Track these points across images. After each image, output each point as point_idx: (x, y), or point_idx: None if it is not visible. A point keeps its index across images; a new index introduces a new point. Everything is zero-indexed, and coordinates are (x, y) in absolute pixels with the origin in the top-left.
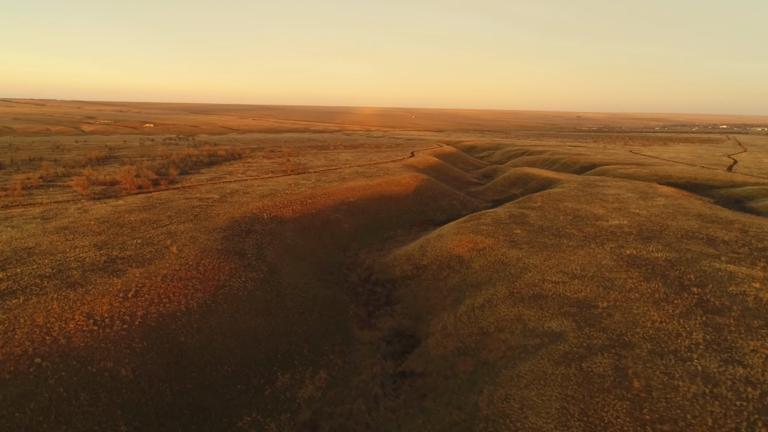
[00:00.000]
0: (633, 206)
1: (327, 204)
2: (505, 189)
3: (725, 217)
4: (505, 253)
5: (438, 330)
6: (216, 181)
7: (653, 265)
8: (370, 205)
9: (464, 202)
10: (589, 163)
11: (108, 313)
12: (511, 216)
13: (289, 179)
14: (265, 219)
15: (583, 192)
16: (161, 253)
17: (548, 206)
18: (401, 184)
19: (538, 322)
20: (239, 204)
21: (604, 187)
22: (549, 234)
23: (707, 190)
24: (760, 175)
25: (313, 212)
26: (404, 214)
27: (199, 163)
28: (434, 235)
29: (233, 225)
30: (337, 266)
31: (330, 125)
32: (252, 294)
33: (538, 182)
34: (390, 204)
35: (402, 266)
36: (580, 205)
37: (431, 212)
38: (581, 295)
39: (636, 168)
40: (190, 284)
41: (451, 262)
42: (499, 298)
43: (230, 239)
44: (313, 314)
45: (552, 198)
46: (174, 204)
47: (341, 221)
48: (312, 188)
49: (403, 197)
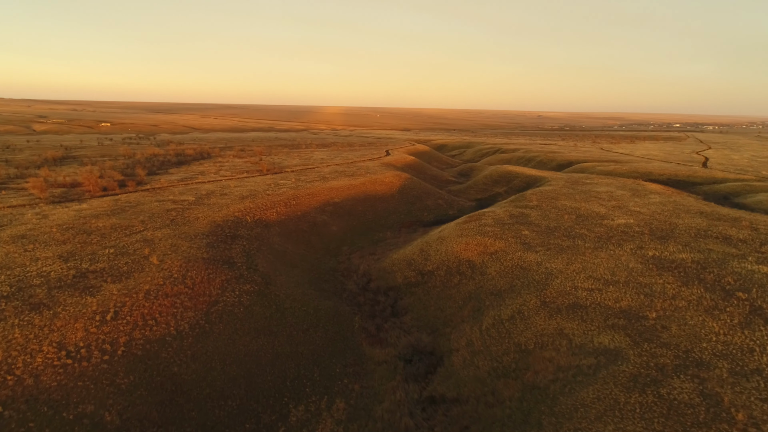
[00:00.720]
0: (631, 204)
1: (312, 205)
2: (487, 187)
3: (727, 215)
4: (522, 257)
5: (462, 346)
6: (188, 181)
7: (683, 268)
8: (357, 205)
9: (449, 202)
10: (565, 161)
11: (83, 341)
12: (512, 216)
13: (267, 179)
14: (250, 223)
15: (574, 190)
16: (140, 264)
17: (546, 205)
18: (385, 183)
19: (585, 337)
20: (219, 206)
21: (593, 185)
22: (560, 235)
23: (691, 187)
24: (736, 171)
25: (298, 214)
26: (391, 215)
27: (166, 162)
28: (434, 238)
29: (216, 230)
30: (331, 273)
31: (295, 124)
32: (249, 310)
33: (522, 180)
34: (376, 204)
35: (403, 272)
36: (579, 204)
37: (418, 212)
38: (623, 304)
39: (615, 165)
40: (179, 301)
41: (461, 268)
42: (530, 309)
43: (215, 246)
44: (317, 331)
45: (546, 197)
46: (146, 207)
47: (329, 223)
48: (294, 188)
49: (389, 197)
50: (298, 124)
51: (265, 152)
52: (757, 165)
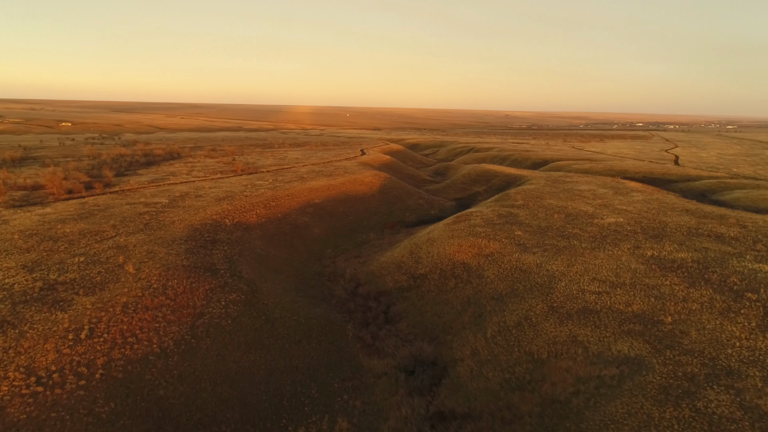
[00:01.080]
0: (616, 202)
1: (292, 206)
2: (466, 186)
3: (712, 212)
4: (520, 259)
5: (467, 355)
6: (159, 182)
7: (685, 268)
8: (338, 206)
9: (430, 202)
10: (540, 159)
11: (56, 364)
12: (501, 216)
13: (243, 180)
14: (229, 226)
15: (557, 188)
16: (114, 273)
17: (533, 204)
18: (365, 183)
19: (602, 345)
20: (194, 209)
21: (574, 183)
22: (554, 235)
23: (667, 184)
24: (707, 168)
25: (279, 216)
26: (373, 216)
27: (135, 163)
28: (423, 239)
29: (194, 234)
30: (317, 278)
31: (264, 124)
32: (237, 322)
33: (502, 179)
34: (357, 205)
35: (394, 276)
36: (565, 203)
37: (400, 213)
38: (635, 307)
39: (590, 164)
40: (161, 315)
41: (456, 271)
42: (538, 315)
43: (195, 252)
44: (311, 342)
45: (531, 195)
46: (116, 211)
47: (310, 226)
48: (272, 189)
49: (369, 197)
50: (267, 123)
51: (238, 152)
52: (726, 162)
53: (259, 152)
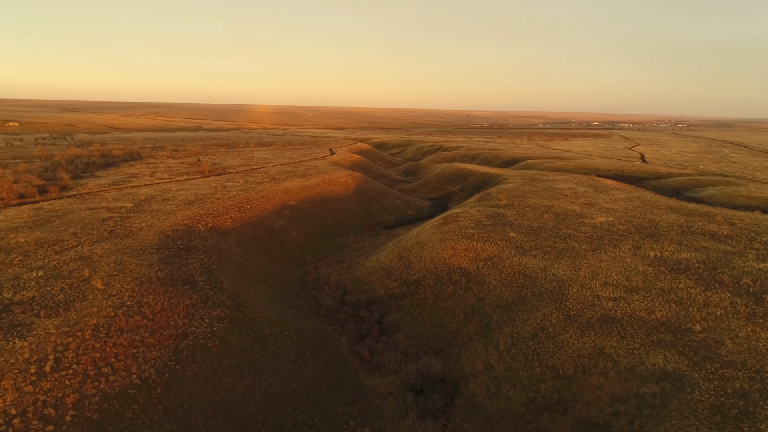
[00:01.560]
0: (599, 201)
1: (267, 209)
2: (441, 186)
3: (696, 210)
4: (521, 263)
5: (480, 370)
6: (121, 185)
7: (694, 270)
8: (314, 208)
9: (406, 202)
10: (510, 158)
11: (16, 406)
12: (489, 217)
13: (212, 181)
14: (203, 232)
15: (536, 187)
16: (80, 290)
17: (518, 204)
18: (339, 183)
19: (633, 358)
20: (163, 214)
21: (552, 182)
22: (549, 236)
23: (640, 182)
24: (675, 166)
25: (254, 220)
26: (351, 217)
27: (92, 164)
28: (412, 243)
29: (166, 242)
30: (301, 286)
31: (225, 123)
32: (225, 342)
33: (477, 178)
34: (334, 206)
35: (384, 282)
36: (549, 202)
37: (377, 214)
38: (659, 315)
39: (561, 162)
40: (138, 338)
41: (453, 276)
42: (554, 325)
43: (170, 262)
44: (306, 361)
45: (514, 195)
46: (76, 217)
47: (288, 229)
48: (244, 191)
49: (345, 198)
50: (228, 123)
51: (202, 152)
52: (689, 159)
53: (224, 152)
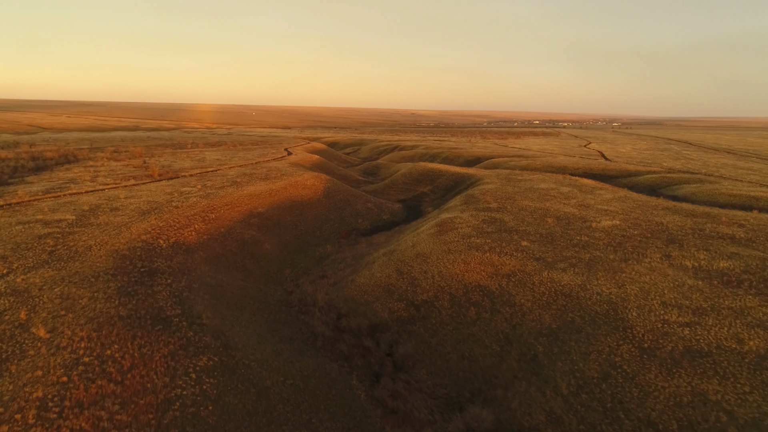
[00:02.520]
0: (591, 201)
1: (234, 218)
2: (409, 187)
3: (695, 210)
4: (552, 279)
5: (542, 421)
6: (58, 193)
7: (746, 282)
8: (284, 215)
9: (379, 205)
10: (472, 157)
11: None
12: (487, 222)
13: (165, 186)
14: (165, 249)
15: (517, 188)
16: (16, 342)
17: (511, 207)
18: (307, 187)
19: (751, 408)
20: (115, 228)
21: (530, 181)
22: (564, 244)
23: (611, 180)
24: (637, 163)
25: (222, 231)
26: (324, 224)
27: (21, 168)
28: (409, 255)
29: (123, 264)
30: (285, 309)
31: (164, 123)
32: (221, 406)
33: (448, 179)
34: (305, 212)
35: (385, 303)
36: (541, 204)
37: (351, 219)
38: (753, 345)
39: (526, 160)
40: (105, 415)
41: (473, 296)
42: (627, 360)
43: (131, 293)
44: (322, 419)
45: (500, 197)
46: (4, 234)
47: (260, 241)
48: (205, 198)
49: (316, 203)
50: (168, 122)
51: (146, 153)
52: (648, 157)
53: (172, 153)
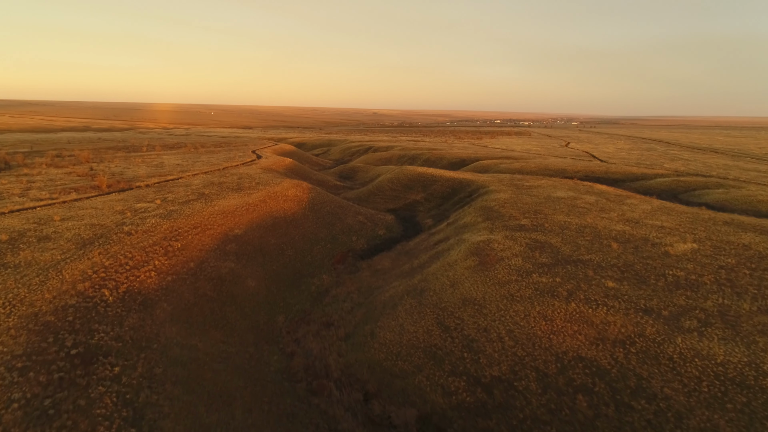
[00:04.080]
0: (636, 215)
1: (206, 245)
2: (398, 194)
3: (754, 224)
4: (698, 351)
5: None
6: None
7: None
8: (267, 237)
9: (371, 218)
10: (456, 159)
11: None
12: (534, 248)
13: (115, 202)
14: (112, 306)
15: (534, 197)
16: None
17: (548, 225)
18: (289, 198)
19: None
20: (39, 272)
21: (540, 188)
22: (663, 285)
23: (616, 183)
24: (637, 164)
25: (191, 268)
26: (315, 245)
27: None
28: (451, 300)
29: (43, 345)
30: (290, 388)
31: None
32: None
33: (444, 185)
34: (290, 231)
35: (433, 378)
36: (581, 220)
37: (344, 237)
38: None
39: (517, 163)
40: None
41: (575, 375)
42: None
43: (47, 414)
44: None
45: (527, 210)
46: None
47: (241, 276)
48: (166, 217)
49: (301, 218)
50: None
51: (94, 158)
52: (641, 157)
53: (124, 157)
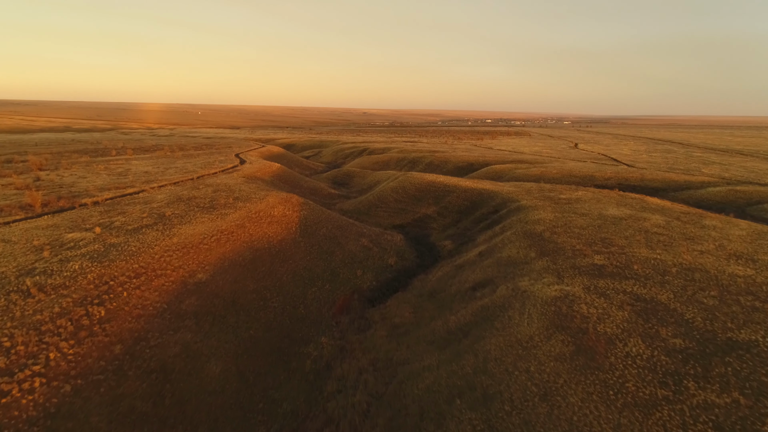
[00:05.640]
0: (740, 248)
1: (148, 307)
2: (405, 207)
3: None
4: None
5: None
6: None
7: None
8: (244, 280)
9: (377, 240)
10: (464, 163)
11: None
12: (644, 314)
13: (39, 231)
14: None
15: (582, 216)
16: None
17: (640, 267)
18: (275, 219)
19: None
20: None
21: (582, 202)
22: None
23: (657, 194)
24: (670, 169)
25: (116, 354)
26: (309, 287)
27: None
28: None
29: None
30: None
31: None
32: None
33: (461, 197)
34: (276, 268)
35: None
36: (674, 256)
37: (345, 271)
38: None
39: (535, 168)
40: None
41: None
42: None
43: None
44: None
45: (581, 236)
46: None
47: (199, 356)
48: (98, 259)
49: (290, 247)
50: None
51: (50, 163)
52: (668, 160)
53: (86, 163)
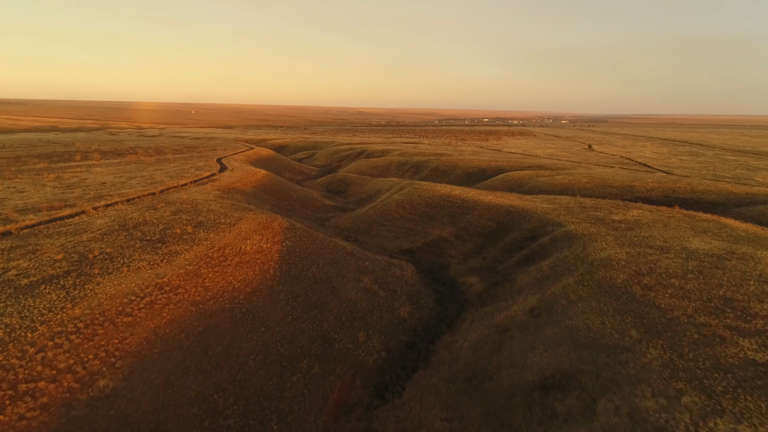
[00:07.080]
0: None
1: None
2: (414, 225)
3: None
4: None
5: None
6: None
7: None
8: (182, 379)
9: (384, 280)
10: (475, 168)
11: None
12: None
13: None
14: None
15: (670, 254)
16: None
17: None
18: (246, 259)
19: None
20: None
21: (648, 227)
22: None
23: (714, 209)
24: (714, 176)
25: None
26: (289, 377)
27: None
28: None
29: None
30: None
31: (88, 122)
32: None
33: (484, 216)
34: (239, 344)
35: None
36: None
37: (342, 337)
38: None
39: (560, 175)
40: None
41: None
42: None
43: None
44: None
45: (712, 303)
46: None
47: None
48: None
49: (264, 302)
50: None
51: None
52: (703, 165)
53: (39, 171)
